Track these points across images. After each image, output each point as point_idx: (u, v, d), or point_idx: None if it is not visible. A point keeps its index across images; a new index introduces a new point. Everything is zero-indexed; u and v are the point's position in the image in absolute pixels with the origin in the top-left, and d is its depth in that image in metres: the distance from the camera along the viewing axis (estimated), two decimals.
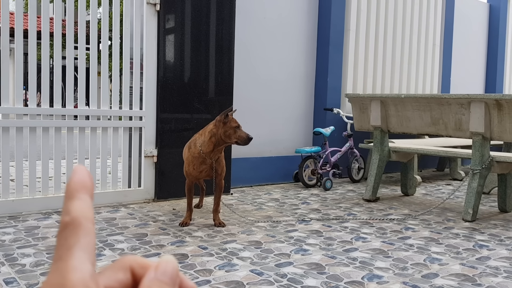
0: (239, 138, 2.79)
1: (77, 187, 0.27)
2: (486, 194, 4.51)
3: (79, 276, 0.24)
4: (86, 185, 0.27)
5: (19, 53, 3.15)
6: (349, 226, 3.08)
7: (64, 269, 0.24)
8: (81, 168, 0.27)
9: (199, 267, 2.22)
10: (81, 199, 0.26)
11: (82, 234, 0.25)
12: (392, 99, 3.78)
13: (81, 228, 0.25)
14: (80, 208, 0.26)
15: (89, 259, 0.25)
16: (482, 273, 2.23)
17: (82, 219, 0.26)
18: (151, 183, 3.70)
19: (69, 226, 0.25)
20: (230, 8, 3.98)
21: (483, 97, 3.23)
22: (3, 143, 3.11)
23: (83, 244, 0.25)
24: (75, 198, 0.26)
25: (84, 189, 0.27)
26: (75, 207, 0.26)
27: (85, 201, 0.26)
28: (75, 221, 0.25)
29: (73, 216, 0.25)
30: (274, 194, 4.16)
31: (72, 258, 0.24)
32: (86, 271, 0.24)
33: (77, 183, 0.27)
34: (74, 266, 0.24)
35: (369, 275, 2.17)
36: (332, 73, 5.00)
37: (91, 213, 0.26)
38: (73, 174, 0.27)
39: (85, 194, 0.27)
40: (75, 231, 0.25)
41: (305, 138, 5.04)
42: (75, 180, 0.27)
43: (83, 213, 0.26)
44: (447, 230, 3.06)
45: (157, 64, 3.65)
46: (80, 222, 0.25)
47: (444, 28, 6.27)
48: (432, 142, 5.05)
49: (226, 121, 2.79)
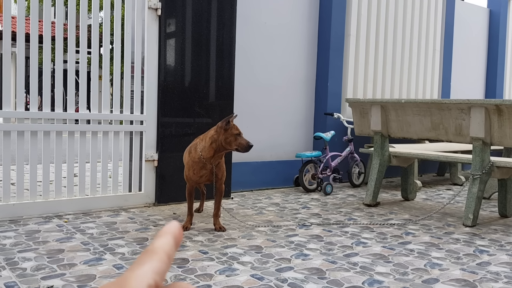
0: (239, 145, 2.79)
1: (166, 230, 0.33)
2: (487, 199, 4.51)
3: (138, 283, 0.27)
4: (173, 231, 0.33)
5: (21, 56, 3.16)
6: (350, 231, 3.08)
7: (128, 276, 0.28)
8: (175, 222, 0.33)
9: (200, 271, 2.22)
10: (165, 238, 0.32)
11: (155, 258, 0.30)
12: (393, 104, 3.79)
13: (156, 255, 0.30)
14: (161, 243, 0.31)
15: (154, 277, 0.28)
16: (482, 279, 2.23)
17: (160, 249, 0.31)
18: (152, 187, 3.71)
19: (148, 252, 0.30)
20: (231, 13, 4.00)
21: (483, 102, 3.24)
22: (4, 147, 3.11)
23: (153, 265, 0.29)
24: (161, 236, 0.32)
25: (171, 233, 0.32)
26: (158, 241, 0.31)
27: (168, 240, 0.32)
28: (154, 249, 0.30)
29: (153, 246, 0.31)
30: (274, 199, 4.16)
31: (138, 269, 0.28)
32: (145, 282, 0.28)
33: (167, 229, 0.33)
34: (137, 275, 0.28)
35: (369, 280, 2.17)
36: (332, 77, 5.01)
37: (170, 249, 0.31)
38: (167, 224, 0.33)
39: (170, 236, 0.32)
40: (151, 256, 0.30)
41: (305, 143, 5.04)
42: (166, 227, 0.33)
43: (162, 246, 0.31)
44: (447, 235, 3.06)
45: (158, 68, 3.66)
46: (157, 251, 0.30)
47: (445, 33, 6.29)
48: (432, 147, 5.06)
49: (227, 127, 2.79)
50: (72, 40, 3.33)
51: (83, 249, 2.51)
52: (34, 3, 3.17)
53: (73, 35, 3.34)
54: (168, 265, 0.30)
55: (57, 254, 2.41)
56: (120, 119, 3.59)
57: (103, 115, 3.50)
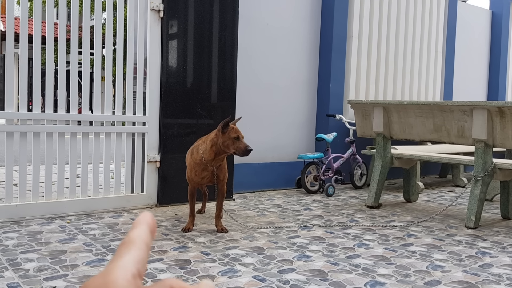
0: (237, 149, 2.75)
1: (140, 221, 0.33)
2: (489, 201, 4.51)
3: (122, 273, 0.28)
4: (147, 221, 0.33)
5: (24, 58, 3.17)
6: (352, 233, 3.08)
7: (111, 267, 0.29)
8: (147, 212, 0.34)
9: (202, 273, 2.22)
10: (140, 228, 0.32)
11: (134, 248, 0.30)
12: (395, 105, 3.79)
13: (134, 244, 0.31)
14: (137, 232, 0.32)
15: (135, 266, 0.29)
16: (484, 281, 2.23)
17: (137, 238, 0.31)
18: (154, 189, 3.71)
19: (125, 243, 0.31)
20: (233, 14, 4.00)
21: (485, 104, 3.24)
22: (7, 148, 3.12)
23: (132, 254, 0.30)
24: (136, 227, 0.33)
25: (145, 223, 0.33)
26: (134, 232, 0.32)
27: (143, 229, 0.32)
28: (131, 239, 0.31)
29: (130, 237, 0.31)
30: (276, 200, 4.16)
31: (120, 260, 0.29)
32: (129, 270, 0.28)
33: (141, 219, 0.33)
34: (119, 266, 0.29)
35: (371, 282, 2.17)
36: (334, 79, 5.01)
37: (146, 237, 0.32)
38: (140, 215, 0.34)
39: (144, 225, 0.33)
40: (129, 246, 0.31)
41: (307, 144, 5.04)
42: (139, 218, 0.34)
43: (138, 235, 0.32)
44: (449, 237, 3.05)
45: (160, 70, 3.67)
46: (134, 240, 0.31)
47: (447, 35, 6.29)
48: (434, 148, 5.05)
49: (225, 131, 2.77)
50: (75, 41, 3.33)
51: (85, 250, 2.52)
52: (37, 5, 3.18)
53: (76, 36, 3.35)
54: (147, 253, 0.31)
55: (59, 255, 2.42)
56: (122, 120, 3.60)
57: (106, 116, 3.51)
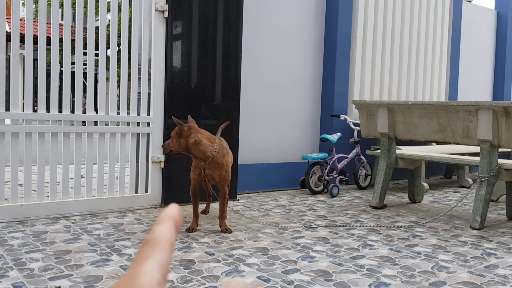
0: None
1: (165, 216, 0.31)
2: (494, 201, 4.48)
3: (147, 279, 0.27)
4: (174, 216, 0.32)
5: (29, 58, 3.18)
6: (356, 233, 3.07)
7: (136, 272, 0.27)
8: (174, 205, 0.32)
9: (206, 273, 2.22)
10: (166, 225, 0.31)
11: (159, 250, 0.29)
12: (400, 106, 3.78)
13: (159, 245, 0.29)
14: (162, 230, 0.30)
15: (161, 271, 0.28)
16: (490, 282, 2.22)
17: (162, 238, 0.30)
18: (158, 189, 3.72)
19: (150, 242, 0.29)
20: (237, 14, 4.00)
21: (491, 105, 3.22)
22: (12, 148, 3.13)
23: (158, 257, 0.28)
24: (161, 223, 0.31)
25: (171, 219, 0.31)
26: (159, 229, 0.30)
27: (168, 226, 0.31)
28: (156, 239, 0.29)
29: (155, 235, 0.30)
30: (280, 201, 4.15)
31: (145, 265, 0.28)
32: (154, 277, 0.27)
33: (167, 214, 0.31)
34: (145, 271, 0.27)
35: (376, 282, 2.16)
36: (339, 79, 5.00)
37: (171, 236, 0.30)
38: (166, 208, 0.32)
39: (170, 222, 0.31)
40: (154, 246, 0.29)
41: (311, 145, 5.04)
42: (165, 212, 0.32)
43: (163, 234, 0.30)
44: (454, 238, 3.04)
45: (164, 70, 3.68)
46: (160, 240, 0.29)
47: (452, 35, 6.26)
48: (439, 149, 5.03)
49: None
50: (80, 42, 3.34)
51: (90, 250, 2.52)
52: (42, 6, 3.20)
53: (80, 37, 3.36)
54: (171, 254, 0.30)
55: (64, 255, 2.42)
56: (127, 121, 3.61)
57: (110, 116, 3.52)
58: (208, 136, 2.87)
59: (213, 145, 2.86)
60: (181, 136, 2.80)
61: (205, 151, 2.83)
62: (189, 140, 2.80)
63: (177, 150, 2.84)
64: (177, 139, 2.81)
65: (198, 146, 2.81)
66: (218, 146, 2.88)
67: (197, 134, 2.82)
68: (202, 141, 2.82)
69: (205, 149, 2.83)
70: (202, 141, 2.82)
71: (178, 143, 2.81)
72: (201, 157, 2.85)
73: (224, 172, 2.93)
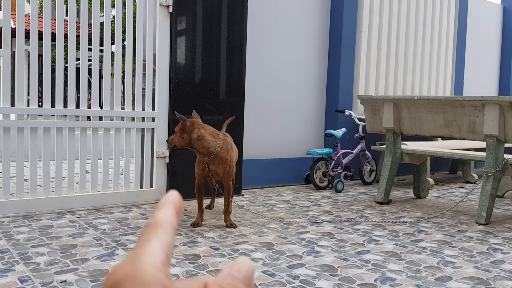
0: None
1: (166, 201, 0.31)
2: (500, 197, 4.46)
3: (151, 259, 0.27)
4: (174, 201, 0.31)
5: (34, 54, 3.18)
6: (361, 229, 3.07)
7: (139, 253, 0.27)
8: (174, 191, 0.32)
9: (211, 267, 2.22)
10: (167, 209, 0.31)
11: (161, 232, 0.29)
12: (405, 101, 3.76)
13: (161, 228, 0.29)
14: (163, 214, 0.30)
15: (164, 251, 0.28)
16: (496, 277, 2.21)
17: (164, 221, 0.29)
18: (163, 184, 3.72)
19: (152, 225, 0.29)
20: (242, 9, 3.99)
21: (497, 99, 3.20)
22: (18, 143, 3.14)
23: (160, 238, 0.28)
24: (162, 208, 0.31)
25: (172, 203, 0.31)
26: (160, 213, 0.30)
27: (169, 210, 0.31)
28: (157, 222, 0.29)
29: (156, 218, 0.30)
30: (285, 196, 4.15)
31: (148, 246, 0.28)
32: (158, 257, 0.27)
33: (167, 199, 0.31)
34: (148, 251, 0.27)
35: (382, 277, 2.16)
36: (344, 74, 4.98)
37: (172, 219, 0.30)
38: (166, 194, 0.32)
39: (171, 206, 0.31)
40: (156, 229, 0.29)
41: (316, 140, 5.03)
42: (166, 197, 0.32)
43: (165, 217, 0.30)
44: (460, 233, 3.03)
45: (169, 66, 3.67)
46: (161, 223, 0.29)
47: (457, 30, 6.22)
48: (445, 144, 5.01)
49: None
50: (85, 38, 3.35)
51: (95, 244, 2.53)
52: (47, 2, 3.20)
53: (85, 33, 3.36)
54: (173, 236, 0.29)
55: (70, 249, 2.43)
56: (132, 116, 3.61)
57: (115, 112, 3.52)
58: (211, 132, 2.86)
59: (217, 141, 2.85)
60: (184, 132, 2.80)
61: (208, 146, 2.83)
62: (192, 136, 2.80)
63: (181, 145, 2.84)
64: (181, 134, 2.81)
65: (201, 141, 2.81)
66: (222, 141, 2.88)
67: (200, 130, 2.81)
68: (205, 137, 2.82)
69: (208, 144, 2.82)
70: (205, 136, 2.82)
71: (181, 138, 2.81)
72: (205, 153, 2.85)
73: (228, 168, 2.93)
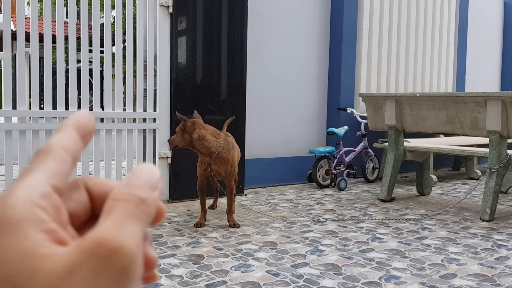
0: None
1: (67, 123, 0.26)
2: (504, 193, 4.45)
3: (25, 193, 0.22)
4: (78, 122, 0.26)
5: (35, 57, 3.18)
6: (365, 227, 3.06)
7: (15, 187, 0.22)
8: (83, 111, 0.27)
9: (215, 267, 2.22)
10: (65, 132, 0.25)
11: (51, 159, 0.24)
12: (407, 98, 3.75)
13: (51, 155, 0.24)
14: (59, 138, 0.25)
15: (49, 181, 0.23)
16: (501, 273, 2.20)
17: (56, 147, 0.24)
18: (166, 185, 3.72)
19: (40, 153, 0.24)
20: (242, 9, 3.98)
21: (499, 95, 3.19)
22: (20, 146, 3.14)
23: (48, 167, 0.23)
24: (60, 131, 0.25)
25: (73, 125, 0.26)
26: (55, 137, 0.25)
27: (68, 133, 0.25)
28: (47, 148, 0.24)
29: (48, 144, 0.25)
30: (288, 195, 4.15)
31: (28, 178, 0.23)
32: (37, 189, 0.22)
33: (69, 121, 0.26)
34: (26, 184, 0.22)
35: (386, 275, 2.15)
36: (345, 72, 4.97)
37: (71, 144, 0.25)
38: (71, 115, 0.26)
39: (72, 129, 0.25)
40: (44, 157, 0.24)
41: (318, 138, 5.02)
42: (69, 119, 0.26)
43: (59, 142, 0.25)
44: (464, 230, 3.02)
45: (170, 66, 3.67)
46: (53, 149, 0.24)
47: (459, 26, 6.20)
48: (447, 141, 5.00)
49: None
50: (85, 39, 3.34)
51: None
52: (47, 4, 3.19)
53: (86, 34, 3.36)
54: (70, 163, 0.24)
55: None
56: (133, 117, 3.61)
57: (117, 113, 3.52)
58: (212, 132, 2.86)
59: (218, 141, 2.85)
60: (185, 132, 2.80)
61: (209, 146, 2.82)
62: (193, 136, 2.80)
63: (182, 146, 2.84)
64: (181, 134, 2.81)
65: (202, 141, 2.80)
66: (223, 141, 2.87)
67: (201, 130, 2.81)
68: (206, 137, 2.81)
69: (209, 144, 2.82)
70: (206, 136, 2.81)
71: (182, 139, 2.81)
72: (206, 153, 2.85)
73: (230, 168, 2.93)
